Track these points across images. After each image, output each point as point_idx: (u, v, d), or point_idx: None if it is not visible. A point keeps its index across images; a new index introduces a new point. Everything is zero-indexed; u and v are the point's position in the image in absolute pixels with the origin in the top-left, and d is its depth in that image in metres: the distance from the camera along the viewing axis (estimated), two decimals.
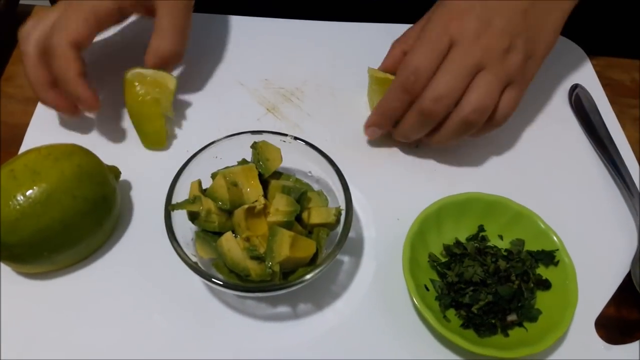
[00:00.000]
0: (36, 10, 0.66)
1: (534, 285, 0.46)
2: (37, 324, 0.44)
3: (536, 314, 0.45)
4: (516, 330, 0.45)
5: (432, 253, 0.48)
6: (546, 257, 0.47)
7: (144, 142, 0.54)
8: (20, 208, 0.42)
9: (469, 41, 0.48)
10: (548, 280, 0.46)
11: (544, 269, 0.47)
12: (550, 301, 0.45)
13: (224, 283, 0.41)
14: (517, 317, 0.45)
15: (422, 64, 0.48)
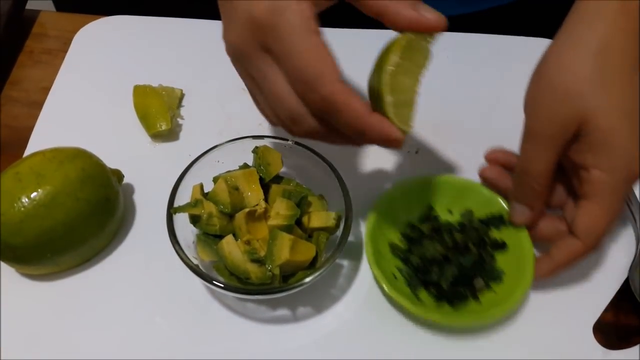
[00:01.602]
0: (46, 17, 0.67)
1: (492, 249, 0.49)
2: (40, 325, 0.45)
3: (500, 275, 0.47)
4: (486, 294, 0.47)
5: (392, 242, 0.49)
6: (496, 220, 0.49)
7: (149, 127, 0.55)
8: (24, 210, 0.42)
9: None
10: (503, 242, 0.49)
11: (497, 232, 0.49)
12: (510, 260, 0.48)
13: (224, 285, 0.42)
14: (484, 282, 0.47)
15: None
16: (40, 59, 0.63)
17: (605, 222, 0.44)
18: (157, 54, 0.63)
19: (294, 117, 0.37)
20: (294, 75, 0.36)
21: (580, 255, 0.45)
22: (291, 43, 0.35)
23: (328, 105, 0.36)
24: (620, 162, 0.43)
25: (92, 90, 0.60)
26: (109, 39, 0.64)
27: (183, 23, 0.66)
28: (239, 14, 0.37)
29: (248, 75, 0.40)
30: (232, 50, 0.39)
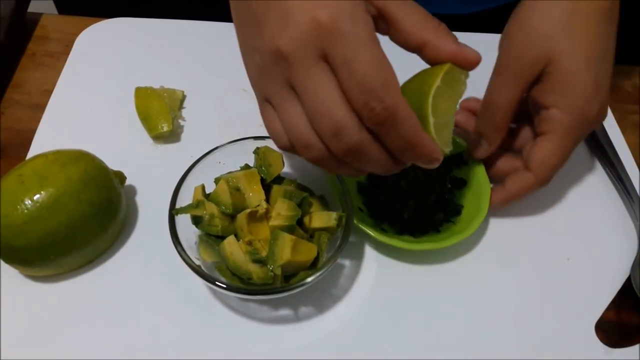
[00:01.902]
0: (48, 19, 0.68)
1: (452, 186, 0.52)
2: (44, 327, 0.45)
3: (459, 209, 0.51)
4: (445, 226, 0.50)
5: (359, 181, 0.53)
6: (456, 159, 0.53)
7: (150, 128, 0.55)
8: (28, 212, 0.43)
9: None
10: (463, 179, 0.52)
11: (457, 170, 0.53)
12: (469, 195, 0.51)
13: (226, 286, 0.42)
14: (444, 215, 0.51)
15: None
16: (42, 61, 0.64)
17: (557, 158, 0.48)
18: (159, 56, 0.63)
19: (338, 130, 0.35)
20: (359, 83, 0.35)
21: (531, 187, 0.49)
22: (360, 51, 0.35)
23: (390, 115, 0.35)
24: (577, 103, 0.47)
25: (94, 92, 0.60)
26: (110, 41, 0.65)
27: (184, 25, 0.67)
28: (297, 17, 0.35)
29: (285, 85, 0.37)
30: (279, 55, 0.35)
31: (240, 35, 0.40)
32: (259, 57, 0.37)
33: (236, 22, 0.41)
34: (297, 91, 0.36)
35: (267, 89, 0.38)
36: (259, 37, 0.37)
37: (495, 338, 0.46)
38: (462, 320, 0.47)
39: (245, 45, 0.40)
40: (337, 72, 0.35)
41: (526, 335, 0.46)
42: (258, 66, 0.38)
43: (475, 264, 0.50)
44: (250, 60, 0.39)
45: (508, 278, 0.49)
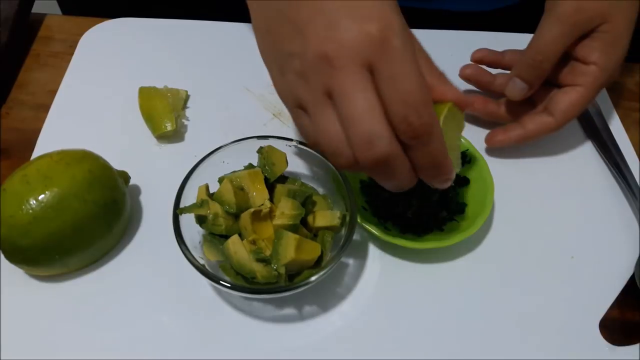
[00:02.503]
0: (52, 20, 0.68)
1: (455, 184, 0.51)
2: (50, 325, 0.45)
3: (463, 207, 0.51)
4: (449, 224, 0.51)
5: (362, 179, 0.53)
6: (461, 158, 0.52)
7: (154, 128, 0.55)
8: (32, 212, 0.43)
9: None
10: (466, 177, 0.53)
11: (461, 168, 0.51)
12: (472, 193, 0.52)
13: (230, 285, 0.42)
14: (447, 213, 0.51)
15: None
16: (46, 62, 0.64)
17: (580, 108, 0.52)
18: (162, 56, 0.63)
19: (372, 138, 0.36)
20: (402, 98, 0.36)
21: (549, 130, 0.53)
22: (406, 68, 0.36)
23: (426, 131, 0.37)
24: (614, 65, 0.51)
25: (98, 92, 0.60)
26: (114, 41, 0.65)
27: (188, 25, 0.67)
28: (347, 25, 0.36)
29: (323, 92, 0.37)
30: (325, 59, 0.36)
31: (270, 41, 0.41)
32: (298, 62, 0.38)
33: (264, 28, 0.41)
34: (336, 96, 0.37)
35: (304, 95, 0.38)
36: (301, 42, 0.37)
37: (500, 336, 0.46)
38: (467, 318, 0.47)
39: (277, 50, 0.40)
40: (380, 84, 0.36)
41: (530, 334, 0.46)
42: (296, 71, 0.38)
43: (479, 262, 0.50)
44: (283, 65, 0.39)
45: (512, 276, 0.49)
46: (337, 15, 0.36)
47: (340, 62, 0.36)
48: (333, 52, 0.36)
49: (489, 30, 0.67)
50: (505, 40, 0.65)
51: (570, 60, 0.52)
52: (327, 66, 0.36)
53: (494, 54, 0.58)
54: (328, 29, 0.36)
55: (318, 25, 0.37)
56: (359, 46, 0.36)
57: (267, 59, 0.42)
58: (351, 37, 0.36)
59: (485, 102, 0.57)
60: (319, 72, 0.37)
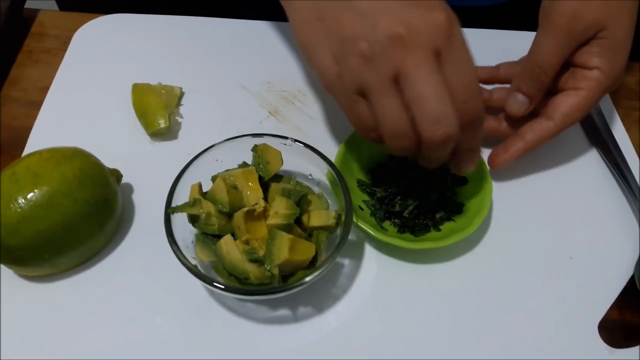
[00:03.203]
0: (46, 15, 0.67)
1: (453, 183, 0.52)
2: (39, 327, 0.44)
3: (460, 207, 0.51)
4: (446, 224, 0.50)
5: (359, 178, 0.52)
6: None
7: (148, 125, 0.55)
8: (21, 211, 0.42)
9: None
10: (464, 177, 0.52)
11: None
12: (470, 193, 0.51)
13: (223, 287, 0.41)
14: (445, 213, 0.50)
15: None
16: (39, 58, 0.63)
17: (582, 112, 0.51)
18: (156, 52, 0.63)
19: (440, 116, 0.38)
20: (465, 83, 0.39)
21: (551, 135, 0.52)
22: (467, 56, 0.40)
23: (480, 116, 0.41)
24: (618, 69, 0.50)
25: (91, 89, 0.59)
26: (108, 37, 0.64)
27: (182, 21, 0.66)
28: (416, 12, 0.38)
29: (390, 75, 0.39)
30: (399, 40, 0.38)
31: (324, 27, 0.41)
32: (365, 44, 0.39)
33: (314, 15, 0.42)
34: (407, 76, 0.38)
35: (369, 78, 0.39)
36: (369, 24, 0.39)
37: (498, 337, 0.45)
38: (464, 319, 0.46)
39: (334, 36, 0.40)
40: (446, 68, 0.39)
41: (528, 335, 0.46)
42: (361, 54, 0.39)
43: (476, 262, 0.49)
44: (342, 50, 0.40)
45: (510, 277, 0.48)
46: (405, 4, 0.38)
47: (414, 43, 0.38)
48: (407, 34, 0.38)
49: (488, 27, 0.66)
50: (504, 38, 0.64)
51: (570, 67, 0.51)
52: (399, 47, 0.38)
53: (488, 70, 0.57)
54: (399, 13, 0.38)
55: (387, 10, 0.38)
56: (431, 31, 0.38)
57: (317, 47, 0.42)
58: (423, 21, 0.38)
59: (485, 121, 0.54)
60: (390, 53, 0.38)
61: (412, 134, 0.40)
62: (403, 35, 0.37)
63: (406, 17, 0.38)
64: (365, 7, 0.39)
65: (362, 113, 0.41)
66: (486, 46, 0.61)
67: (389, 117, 0.40)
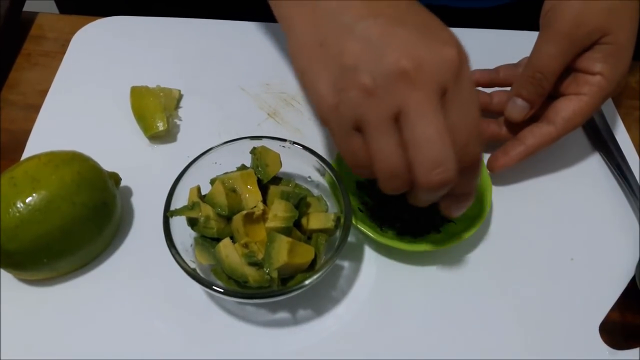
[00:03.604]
0: (44, 18, 0.67)
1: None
2: (37, 331, 0.44)
3: None
4: (446, 226, 0.49)
5: (358, 180, 0.52)
6: None
7: (146, 128, 0.54)
8: (20, 215, 0.42)
9: None
10: None
11: None
12: None
13: (222, 290, 0.41)
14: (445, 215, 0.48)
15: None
16: (38, 61, 0.63)
17: (583, 117, 0.50)
18: (155, 55, 0.63)
19: (439, 162, 0.36)
20: (467, 125, 0.37)
21: (551, 140, 0.51)
22: (473, 96, 0.37)
23: (478, 161, 0.39)
24: (621, 75, 0.50)
25: (89, 92, 0.59)
26: (106, 40, 0.64)
27: (181, 23, 0.66)
28: (426, 46, 0.35)
29: (391, 112, 0.36)
30: (404, 76, 0.35)
31: (325, 54, 0.38)
32: (367, 77, 0.36)
33: (316, 41, 0.39)
34: (409, 116, 0.35)
35: (368, 113, 0.36)
36: (374, 57, 0.36)
37: (498, 340, 0.45)
38: (464, 322, 0.46)
39: (335, 65, 0.37)
40: (449, 109, 0.36)
41: (529, 337, 0.45)
42: (362, 87, 0.36)
43: (477, 264, 0.49)
44: (342, 81, 0.37)
45: (510, 279, 0.48)
46: (415, 35, 0.36)
47: (420, 80, 0.35)
48: (413, 70, 0.35)
49: (489, 28, 0.66)
50: (506, 38, 0.64)
51: (572, 72, 0.51)
52: (404, 83, 0.35)
53: (487, 73, 0.56)
54: (407, 46, 0.35)
55: (396, 42, 0.35)
56: (440, 69, 0.35)
57: (316, 74, 0.39)
58: (433, 57, 0.35)
59: (485, 125, 0.54)
60: (393, 89, 0.35)
61: (407, 175, 0.37)
62: (409, 71, 0.35)
63: (415, 51, 0.35)
64: (372, 36, 0.36)
65: (356, 149, 0.38)
66: (487, 46, 0.62)
67: (384, 156, 0.37)
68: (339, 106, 0.37)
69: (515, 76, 0.53)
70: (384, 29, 0.36)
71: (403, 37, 0.36)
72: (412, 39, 0.36)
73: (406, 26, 0.36)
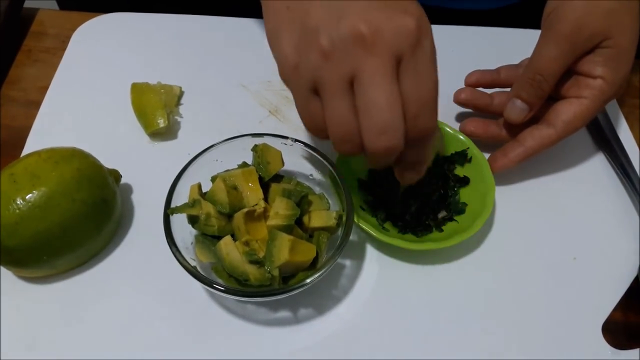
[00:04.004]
0: (45, 15, 0.67)
1: (455, 184, 0.52)
2: (38, 328, 0.44)
3: (463, 207, 0.50)
4: (449, 224, 0.49)
5: (360, 178, 0.52)
6: (460, 157, 0.52)
7: (147, 125, 0.54)
8: (19, 212, 0.42)
9: None
10: (466, 177, 0.52)
11: (461, 167, 0.52)
12: (472, 193, 0.50)
13: (223, 288, 0.41)
14: (447, 213, 0.50)
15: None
16: (38, 57, 0.63)
17: (584, 120, 0.50)
18: (156, 51, 0.62)
19: (386, 127, 0.36)
20: (420, 97, 0.37)
21: (551, 143, 0.51)
22: (430, 68, 0.37)
23: (429, 134, 0.38)
24: (622, 78, 0.49)
25: (90, 88, 0.59)
26: (107, 36, 0.64)
27: (182, 19, 0.66)
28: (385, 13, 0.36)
29: (346, 76, 0.36)
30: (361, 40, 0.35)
31: (290, 17, 0.39)
32: (326, 39, 0.36)
33: (283, 5, 0.40)
34: (362, 81, 0.36)
35: (325, 76, 0.37)
36: (334, 19, 0.36)
37: (500, 338, 0.45)
38: (466, 320, 0.46)
39: (299, 26, 0.38)
40: (403, 78, 0.36)
41: (531, 336, 0.45)
42: (321, 49, 0.36)
43: (479, 263, 0.49)
44: (304, 42, 0.37)
45: (513, 278, 0.48)
46: (376, 2, 0.36)
47: (376, 46, 0.35)
48: (369, 35, 0.35)
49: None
50: (506, 37, 0.64)
51: (573, 74, 0.50)
52: (360, 48, 0.35)
53: (488, 74, 0.56)
54: (366, 12, 0.36)
55: (356, 7, 0.36)
56: (397, 36, 0.35)
57: (280, 34, 0.39)
58: (390, 25, 0.35)
59: (485, 126, 0.54)
60: (349, 53, 0.36)
61: (358, 139, 0.38)
62: (365, 36, 0.35)
63: (373, 18, 0.35)
64: (336, 1, 0.37)
65: (313, 111, 0.39)
66: (487, 45, 0.61)
67: (337, 120, 0.37)
68: (298, 66, 0.38)
69: (516, 77, 0.53)
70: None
71: (364, 4, 0.36)
72: (373, 5, 0.36)
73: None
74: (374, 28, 0.35)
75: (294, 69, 0.38)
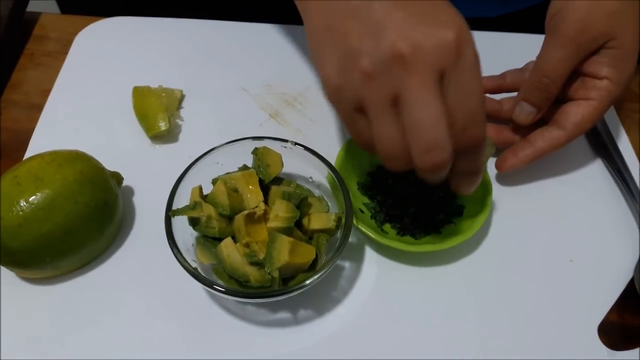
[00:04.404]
0: (47, 19, 0.67)
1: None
2: (40, 329, 0.45)
3: (461, 209, 0.51)
4: (447, 227, 0.50)
5: (360, 181, 0.52)
6: None
7: (148, 128, 0.55)
8: (23, 214, 0.42)
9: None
10: None
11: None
12: (471, 195, 0.48)
13: (223, 289, 0.41)
14: (445, 216, 0.50)
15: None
16: (40, 61, 0.63)
17: (592, 121, 0.51)
18: (157, 55, 0.63)
19: (433, 145, 0.36)
20: (466, 108, 0.37)
21: (560, 144, 0.52)
22: (475, 79, 0.37)
23: (479, 143, 0.39)
24: (627, 78, 0.50)
25: (92, 92, 0.59)
26: (109, 40, 0.64)
27: (183, 24, 0.66)
28: (424, 29, 0.36)
29: (390, 95, 0.36)
30: (400, 59, 0.35)
31: (331, 38, 0.39)
32: (367, 60, 0.36)
33: (324, 25, 0.40)
34: (405, 100, 0.36)
35: (369, 96, 0.37)
36: (373, 40, 0.36)
37: (498, 340, 0.45)
38: (464, 322, 0.46)
39: (340, 47, 0.38)
40: (448, 92, 0.36)
41: (528, 338, 0.46)
42: (363, 70, 0.37)
43: (477, 265, 0.49)
44: (346, 63, 0.38)
45: (510, 280, 0.49)
46: (414, 18, 0.36)
47: (416, 64, 0.35)
48: (409, 54, 0.35)
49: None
50: (511, 41, 0.64)
51: (580, 76, 0.51)
52: (401, 67, 0.35)
53: (494, 79, 0.57)
54: (404, 29, 0.36)
55: (394, 25, 0.36)
56: (436, 51, 0.35)
57: (324, 56, 0.40)
58: (429, 41, 0.35)
59: (499, 131, 0.55)
60: (390, 73, 0.36)
61: (406, 157, 0.38)
62: (405, 55, 0.35)
63: (412, 34, 0.35)
64: (374, 18, 0.36)
65: (360, 129, 0.40)
66: (492, 49, 0.62)
67: (384, 138, 0.38)
68: (342, 88, 0.39)
69: (522, 81, 0.53)
70: (385, 11, 0.36)
71: (402, 21, 0.36)
72: (411, 22, 0.36)
73: (407, 9, 0.36)
74: (414, 46, 0.35)
75: (337, 90, 0.39)
